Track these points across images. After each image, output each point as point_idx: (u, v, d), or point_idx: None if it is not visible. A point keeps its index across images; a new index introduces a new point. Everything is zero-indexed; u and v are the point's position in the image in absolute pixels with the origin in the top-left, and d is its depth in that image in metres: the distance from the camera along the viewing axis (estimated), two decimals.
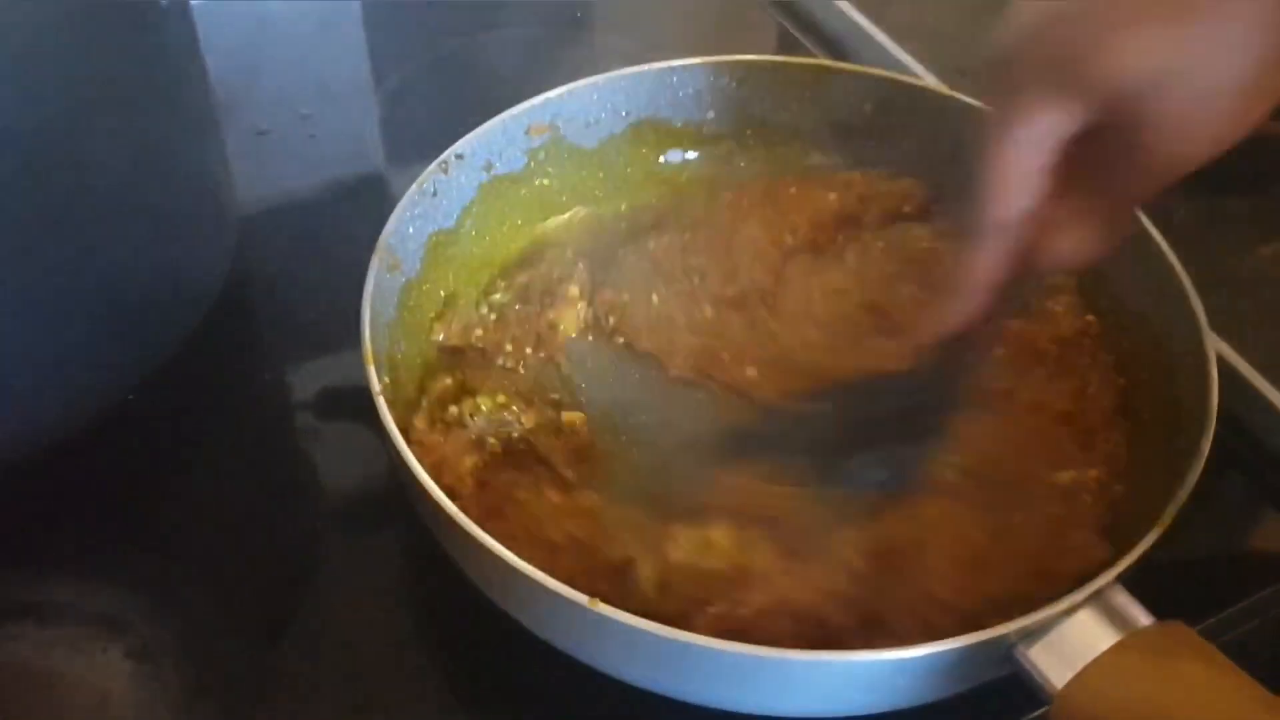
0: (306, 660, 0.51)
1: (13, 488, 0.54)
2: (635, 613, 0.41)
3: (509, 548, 0.42)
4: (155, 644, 0.50)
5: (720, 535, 0.48)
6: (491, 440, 0.51)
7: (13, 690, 0.49)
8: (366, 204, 0.71)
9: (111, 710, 0.48)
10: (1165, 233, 0.54)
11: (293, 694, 0.50)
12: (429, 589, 0.53)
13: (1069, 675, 0.40)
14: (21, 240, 0.49)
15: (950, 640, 0.40)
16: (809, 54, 0.80)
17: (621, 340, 0.57)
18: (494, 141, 0.60)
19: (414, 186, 0.56)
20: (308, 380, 0.62)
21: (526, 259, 0.61)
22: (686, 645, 0.40)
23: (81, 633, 0.51)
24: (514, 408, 0.53)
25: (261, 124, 0.74)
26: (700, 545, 0.47)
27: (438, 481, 0.45)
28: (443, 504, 0.44)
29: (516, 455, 0.52)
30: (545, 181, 0.63)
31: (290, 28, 0.82)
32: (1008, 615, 0.41)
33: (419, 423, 0.52)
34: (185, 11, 0.57)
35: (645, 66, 0.63)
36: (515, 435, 0.52)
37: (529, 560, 0.42)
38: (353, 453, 0.58)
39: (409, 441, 0.47)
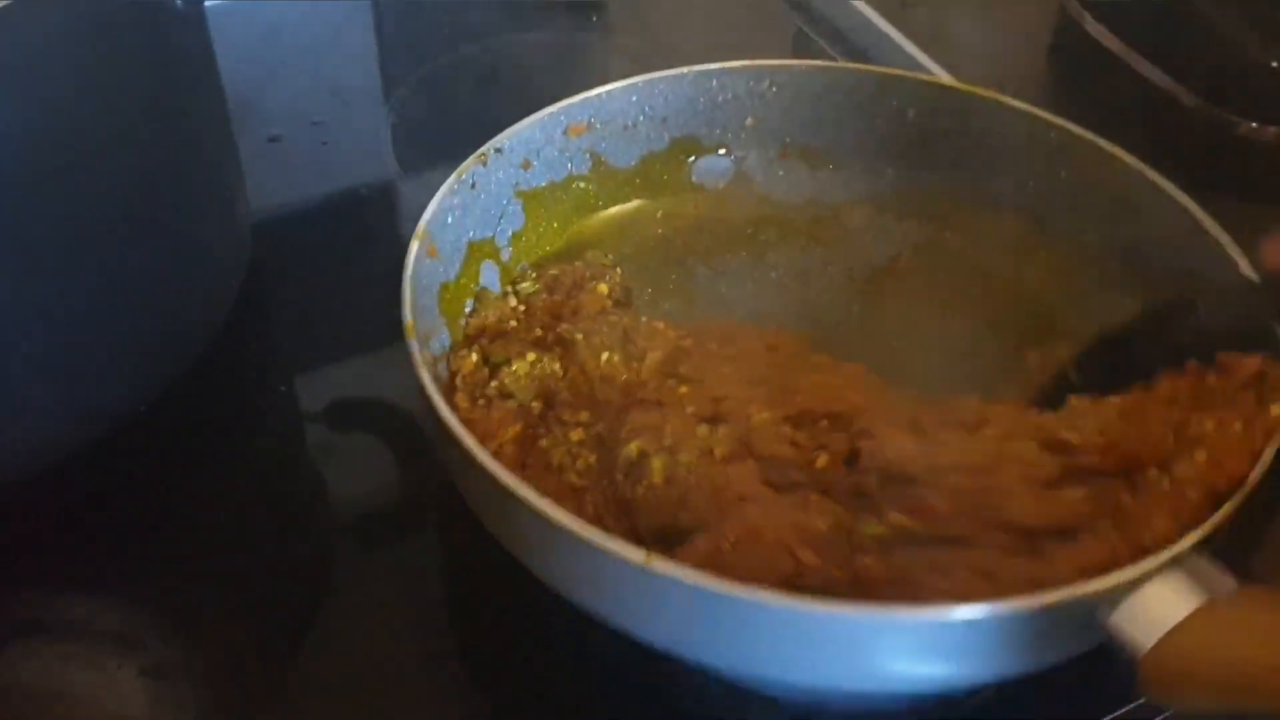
0: (324, 675, 0.50)
1: (25, 502, 0.53)
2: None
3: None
4: (170, 662, 0.49)
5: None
6: (535, 403, 0.50)
7: (24, 710, 0.47)
8: (379, 211, 0.70)
9: None
10: None
11: (310, 711, 0.49)
12: (448, 601, 0.53)
13: (1157, 635, 0.39)
14: (32, 252, 0.48)
15: (1034, 596, 0.39)
16: (829, 58, 0.80)
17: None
18: (533, 139, 0.59)
19: (453, 177, 0.55)
20: (322, 391, 0.61)
21: (560, 257, 0.60)
22: (746, 600, 0.38)
23: (94, 651, 0.49)
24: (546, 361, 0.52)
25: (273, 131, 0.74)
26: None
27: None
28: (486, 464, 0.42)
29: (558, 408, 0.51)
30: (582, 185, 0.62)
31: (301, 34, 0.81)
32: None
33: (461, 400, 0.50)
34: (200, 17, 0.56)
35: (686, 69, 0.62)
36: (556, 386, 0.51)
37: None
38: (368, 464, 0.57)
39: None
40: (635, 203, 0.64)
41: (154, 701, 0.48)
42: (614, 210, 0.63)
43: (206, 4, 0.57)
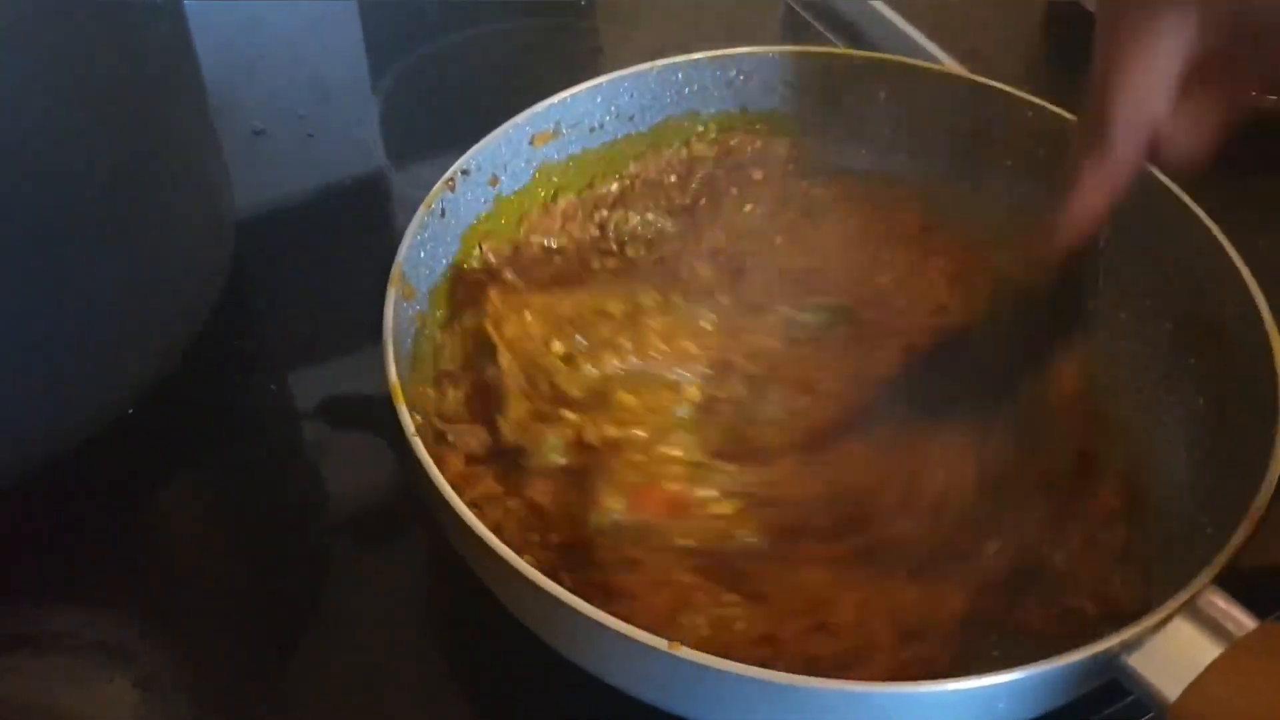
0: (320, 681, 0.49)
1: (7, 512, 0.53)
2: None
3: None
4: (162, 672, 0.49)
5: None
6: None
7: None
8: (367, 204, 0.70)
9: None
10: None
11: (305, 716, 0.48)
12: (444, 602, 0.52)
13: (1180, 685, 0.39)
14: (8, 252, 0.48)
15: (1051, 660, 0.39)
16: (819, 36, 0.79)
17: None
18: (499, 154, 0.58)
19: (421, 209, 0.54)
20: (311, 389, 0.61)
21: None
22: (773, 684, 0.39)
23: (84, 663, 0.49)
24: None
25: (257, 124, 0.73)
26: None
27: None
28: (507, 557, 0.42)
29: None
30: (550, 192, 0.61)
31: (285, 25, 0.80)
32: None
33: (453, 462, 0.50)
34: (178, 9, 0.56)
35: (646, 65, 0.61)
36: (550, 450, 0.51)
37: None
38: (360, 462, 0.56)
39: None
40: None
41: (147, 713, 0.48)
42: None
43: None
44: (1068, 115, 0.58)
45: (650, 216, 0.61)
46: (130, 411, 0.56)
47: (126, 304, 0.54)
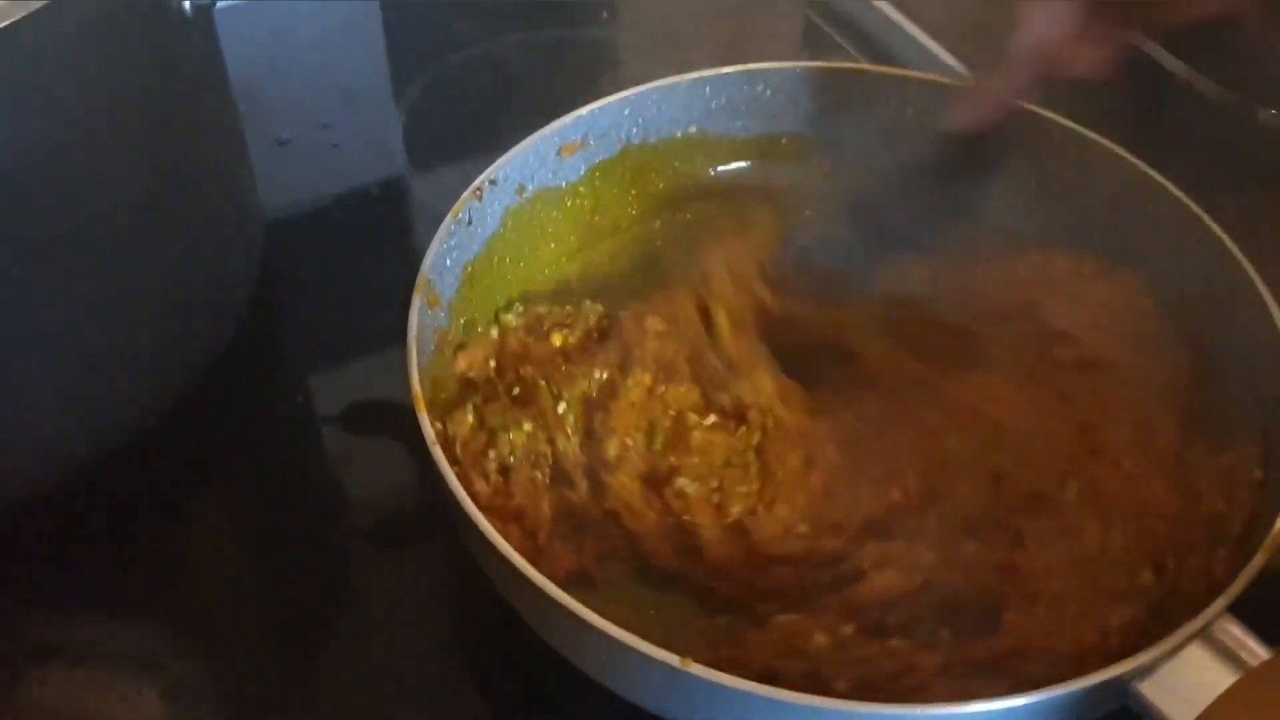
0: (346, 687, 0.50)
1: (39, 520, 0.53)
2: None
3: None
4: (189, 682, 0.49)
5: None
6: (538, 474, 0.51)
7: None
8: (391, 212, 0.70)
9: None
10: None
11: None
12: (470, 606, 0.52)
13: (1192, 713, 0.39)
14: (42, 261, 0.48)
15: (1064, 685, 0.39)
16: (838, 48, 0.79)
17: None
18: (526, 164, 0.58)
19: (449, 218, 0.54)
20: (337, 395, 0.61)
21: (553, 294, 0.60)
22: (782, 702, 0.39)
23: (113, 674, 0.49)
24: (542, 437, 0.52)
25: (283, 134, 0.73)
26: None
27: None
28: (520, 566, 0.42)
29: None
30: (579, 201, 0.61)
31: (308, 35, 0.80)
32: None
33: (479, 485, 0.50)
34: (209, 22, 0.56)
35: (675, 79, 0.61)
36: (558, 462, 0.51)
37: None
38: (384, 467, 0.57)
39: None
40: (633, 215, 0.63)
41: None
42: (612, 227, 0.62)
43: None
44: (1087, 132, 0.58)
45: None
46: (159, 421, 0.56)
47: (158, 311, 0.54)
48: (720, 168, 0.64)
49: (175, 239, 0.54)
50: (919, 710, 0.39)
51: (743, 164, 0.64)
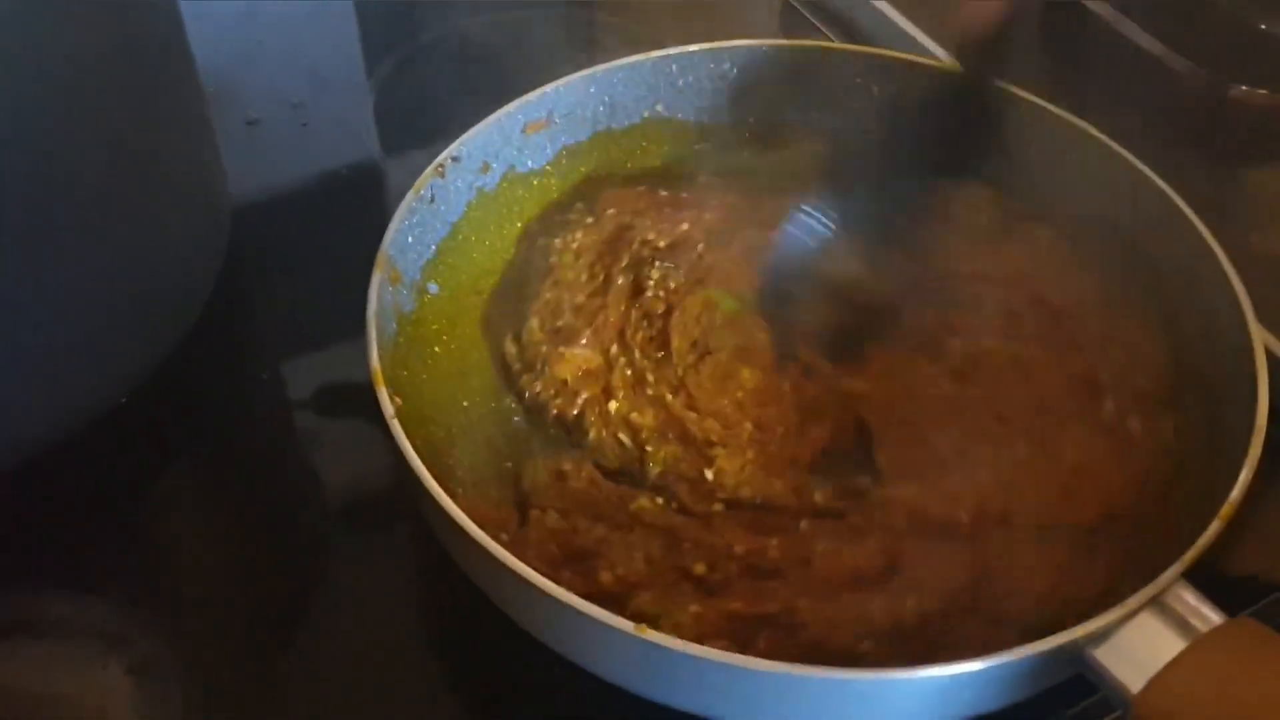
0: (313, 668, 0.50)
1: (3, 500, 0.53)
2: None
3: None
4: (156, 658, 0.49)
5: None
6: None
7: (7, 712, 0.48)
8: (362, 194, 0.70)
9: None
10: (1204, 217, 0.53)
11: (300, 704, 0.49)
12: (440, 589, 0.52)
13: (1145, 678, 0.39)
14: (1, 242, 0.48)
15: (1017, 650, 0.39)
16: (815, 30, 0.79)
17: None
18: (490, 142, 0.58)
19: (410, 194, 0.54)
20: (307, 377, 0.61)
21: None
22: (740, 669, 0.39)
23: (78, 649, 0.49)
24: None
25: (251, 114, 0.73)
26: None
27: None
28: (476, 536, 0.42)
29: None
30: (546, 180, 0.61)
31: (279, 13, 0.80)
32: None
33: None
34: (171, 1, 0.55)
35: (640, 56, 0.61)
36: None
37: None
38: (355, 450, 0.56)
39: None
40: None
41: (142, 700, 0.48)
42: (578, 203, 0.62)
43: None
44: (1063, 114, 0.58)
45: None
46: (125, 400, 0.57)
47: (122, 293, 0.54)
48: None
49: (137, 219, 0.54)
50: (871, 675, 0.40)
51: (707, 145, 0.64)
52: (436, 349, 0.55)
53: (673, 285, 0.56)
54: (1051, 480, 0.49)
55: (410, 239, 0.54)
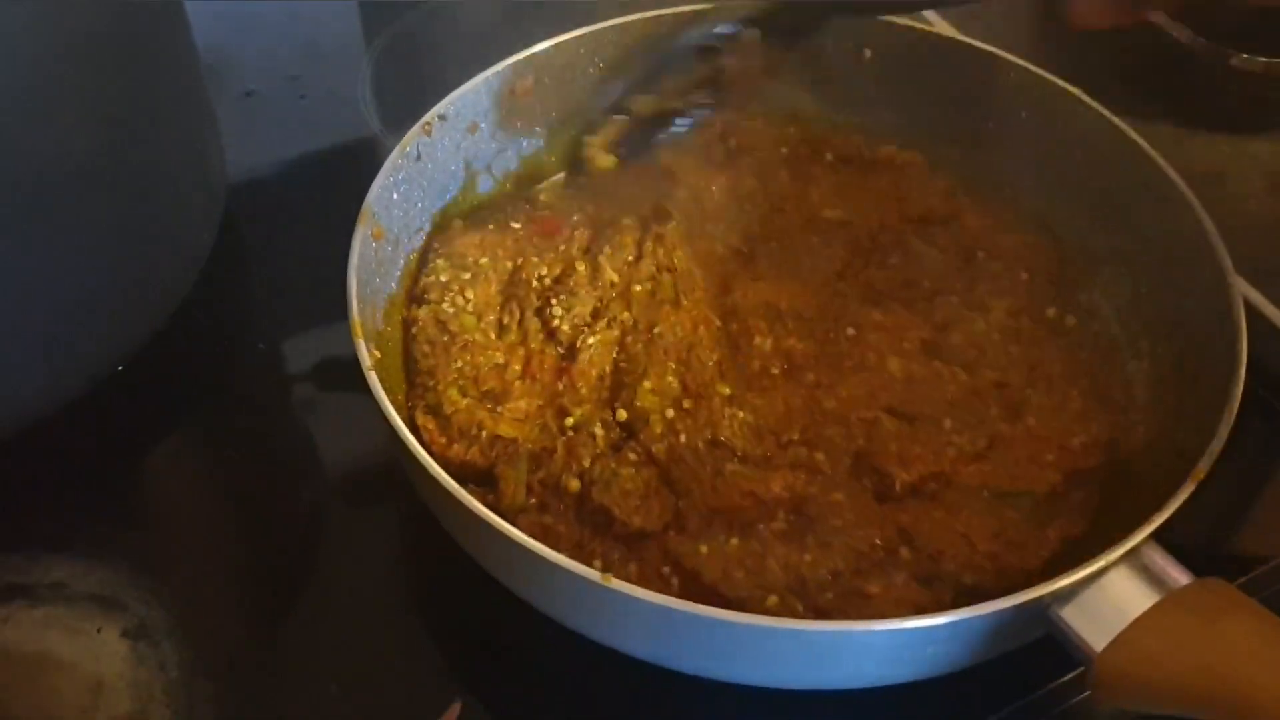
0: (308, 635, 0.50)
1: (1, 467, 0.53)
2: None
3: None
4: (152, 623, 0.50)
5: None
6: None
7: (4, 675, 0.48)
8: (359, 166, 0.69)
9: (108, 692, 0.48)
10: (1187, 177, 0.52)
11: (294, 670, 0.49)
12: (434, 559, 0.52)
13: (1108, 637, 0.39)
14: None
15: (983, 605, 0.39)
16: None
17: None
18: (478, 102, 0.58)
19: (395, 150, 0.54)
20: (303, 350, 0.61)
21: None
22: (706, 619, 0.39)
23: (75, 614, 0.50)
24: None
25: (248, 85, 0.73)
26: None
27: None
28: (443, 481, 0.43)
29: None
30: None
31: None
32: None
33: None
34: None
35: (632, 16, 0.61)
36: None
37: None
38: (352, 423, 0.57)
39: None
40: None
41: (137, 662, 0.49)
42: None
43: None
44: (1054, 79, 0.58)
45: None
46: (121, 369, 0.57)
47: (117, 262, 0.55)
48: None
49: (133, 190, 0.54)
50: (834, 626, 0.40)
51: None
52: None
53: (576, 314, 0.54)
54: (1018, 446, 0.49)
55: (395, 195, 0.54)
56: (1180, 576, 0.40)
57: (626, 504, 0.47)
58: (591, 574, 0.40)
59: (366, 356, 0.46)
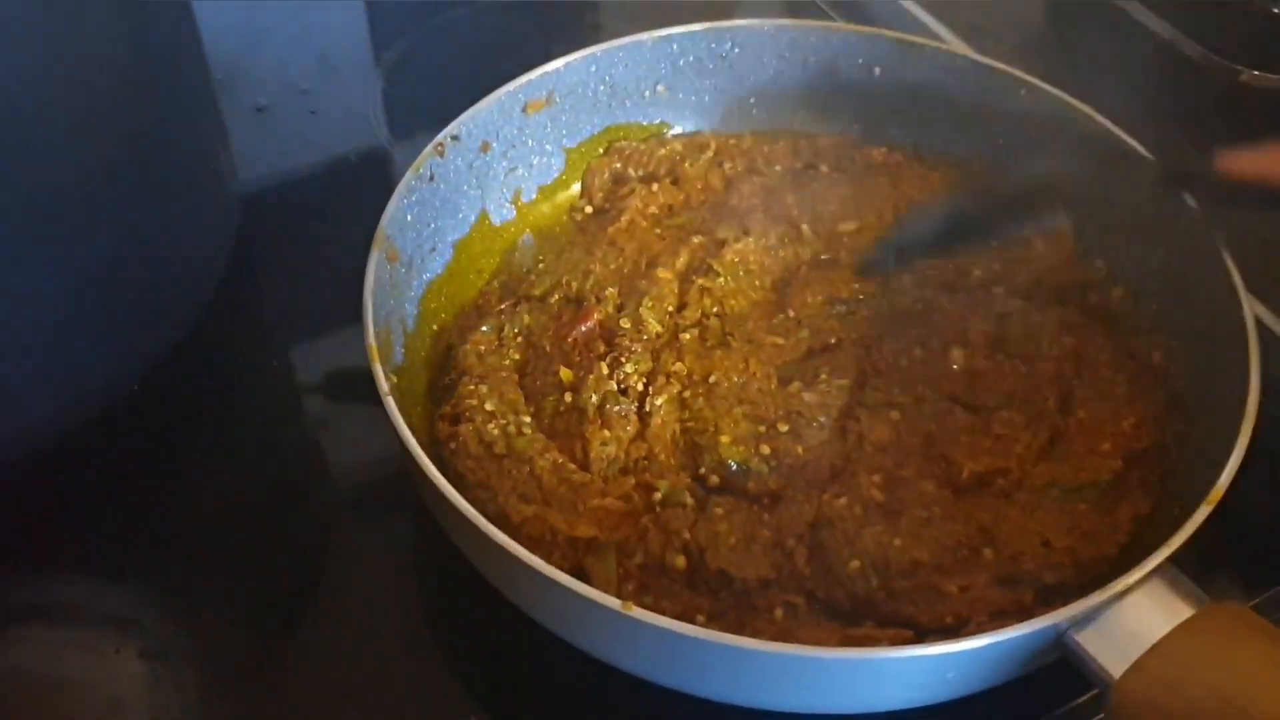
0: (323, 654, 0.50)
1: (15, 485, 0.53)
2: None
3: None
4: (168, 643, 0.50)
5: None
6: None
7: (21, 696, 0.48)
8: (371, 180, 0.70)
9: (125, 713, 0.48)
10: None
11: (308, 686, 0.49)
12: (446, 575, 0.52)
13: (1126, 663, 0.39)
14: (13, 229, 0.48)
15: (1000, 631, 0.39)
16: (827, 19, 0.78)
17: None
18: (490, 121, 0.58)
19: (409, 172, 0.54)
20: (315, 364, 0.61)
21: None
22: (730, 648, 0.39)
23: (92, 634, 0.50)
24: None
25: (260, 100, 0.73)
26: None
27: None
28: (467, 513, 0.42)
29: None
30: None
31: (289, 1, 0.80)
32: None
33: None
34: None
35: (643, 35, 0.61)
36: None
37: None
38: (364, 437, 0.56)
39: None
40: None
41: (153, 684, 0.49)
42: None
43: None
44: (1061, 95, 0.58)
45: None
46: (136, 387, 0.57)
47: (132, 279, 0.55)
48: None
49: (146, 206, 0.54)
50: (857, 654, 0.40)
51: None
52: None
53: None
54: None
55: (409, 217, 0.54)
56: (1196, 600, 0.40)
57: (738, 559, 0.47)
58: (612, 601, 0.40)
59: (384, 381, 0.46)
